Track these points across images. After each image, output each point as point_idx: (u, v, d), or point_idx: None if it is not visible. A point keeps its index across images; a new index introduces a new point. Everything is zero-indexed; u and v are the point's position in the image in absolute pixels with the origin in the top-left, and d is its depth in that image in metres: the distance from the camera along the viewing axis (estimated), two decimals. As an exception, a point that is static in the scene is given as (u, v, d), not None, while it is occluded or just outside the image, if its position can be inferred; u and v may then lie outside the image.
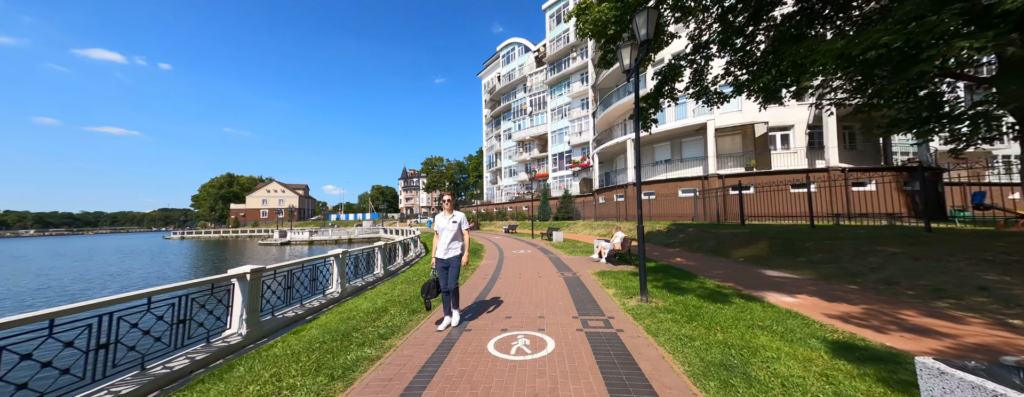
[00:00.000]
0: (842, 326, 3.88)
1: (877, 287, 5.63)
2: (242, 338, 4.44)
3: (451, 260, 4.28)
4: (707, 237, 12.29)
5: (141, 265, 24.18)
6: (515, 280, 7.36)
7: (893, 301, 4.89)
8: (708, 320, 4.06)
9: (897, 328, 3.79)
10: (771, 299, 5.15)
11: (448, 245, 4.30)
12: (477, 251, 13.40)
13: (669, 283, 6.35)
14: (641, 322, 4.17)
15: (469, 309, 5.14)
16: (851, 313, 4.38)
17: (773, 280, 6.58)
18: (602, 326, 4.12)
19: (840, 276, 6.50)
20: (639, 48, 5.32)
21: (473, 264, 10.01)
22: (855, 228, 10.44)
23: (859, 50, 4.15)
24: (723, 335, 3.61)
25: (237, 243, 49.20)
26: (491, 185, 51.90)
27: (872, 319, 4.12)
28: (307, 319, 5.87)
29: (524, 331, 4.03)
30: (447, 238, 4.29)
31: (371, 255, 9.35)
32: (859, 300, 4.98)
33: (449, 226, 4.30)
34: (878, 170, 16.01)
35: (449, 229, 4.30)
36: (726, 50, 7.80)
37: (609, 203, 25.19)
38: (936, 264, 5.94)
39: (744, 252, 9.76)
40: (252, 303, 4.68)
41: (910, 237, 7.79)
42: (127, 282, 17.47)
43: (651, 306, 4.78)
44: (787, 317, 4.15)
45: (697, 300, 5.03)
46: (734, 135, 20.16)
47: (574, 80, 35.58)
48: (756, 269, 7.86)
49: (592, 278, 7.30)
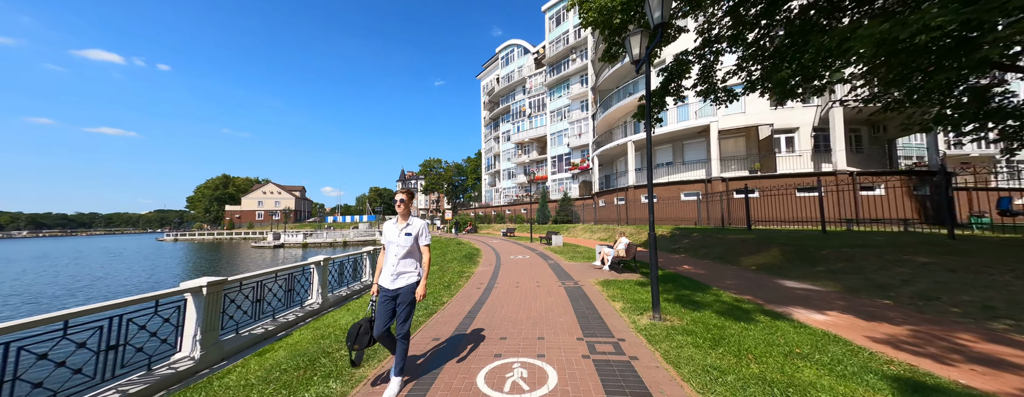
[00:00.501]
0: (894, 354, 3.31)
1: (914, 303, 5.07)
2: (194, 362, 3.83)
3: (402, 291, 2.87)
4: (713, 243, 11.73)
5: (118, 271, 22.59)
6: (512, 290, 6.76)
7: (940, 321, 4.32)
8: (736, 345, 3.48)
9: (961, 358, 3.22)
10: (799, 316, 4.58)
11: (397, 268, 2.91)
12: (472, 256, 12.80)
13: (681, 296, 5.77)
14: (657, 347, 3.59)
15: (460, 325, 4.55)
16: (898, 336, 3.81)
17: (795, 293, 6.01)
18: (612, 351, 3.53)
19: (868, 289, 5.93)
20: (651, 35, 4.78)
21: (468, 271, 9.41)
22: (870, 234, 9.90)
23: (908, 34, 3.61)
24: (758, 366, 3.03)
25: (230, 245, 48.39)
26: (489, 187, 51.32)
27: (926, 344, 3.55)
28: (279, 335, 5.26)
29: (521, 357, 3.44)
30: (396, 256, 2.93)
31: (358, 261, 8.74)
32: (900, 319, 4.41)
33: (400, 240, 2.94)
34: (889, 174, 15.52)
35: (399, 244, 2.93)
36: (738, 44, 7.29)
37: (609, 206, 24.63)
38: (976, 277, 5.39)
39: (755, 259, 9.20)
40: (209, 321, 4.08)
41: (936, 245, 7.25)
42: (92, 293, 15.45)
43: (666, 325, 4.19)
44: (827, 342, 3.57)
45: (717, 318, 4.45)
46: (737, 137, 19.69)
47: (574, 82, 35.14)
48: (772, 279, 7.30)
49: (596, 288, 6.71)
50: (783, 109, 18.35)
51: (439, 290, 6.93)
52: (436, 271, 9.88)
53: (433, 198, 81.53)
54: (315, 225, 67.66)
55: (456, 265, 10.61)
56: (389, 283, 2.92)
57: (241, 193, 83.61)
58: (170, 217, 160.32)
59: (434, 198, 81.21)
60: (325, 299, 6.72)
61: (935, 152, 17.17)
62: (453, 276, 8.57)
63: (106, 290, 15.87)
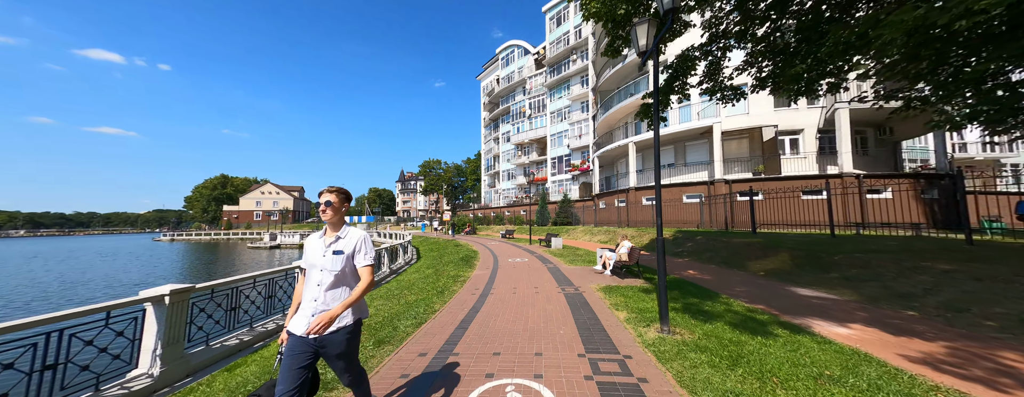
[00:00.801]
0: (937, 377, 2.93)
1: (942, 315, 4.69)
2: (153, 380, 3.44)
3: (331, 341, 1.95)
4: (718, 246, 11.36)
5: (101, 275, 21.07)
6: (509, 297, 6.38)
7: (976, 337, 3.94)
8: (757, 365, 3.10)
9: (1015, 383, 2.84)
10: (820, 330, 4.20)
11: (323, 303, 1.99)
12: (469, 259, 12.41)
13: (689, 305, 5.39)
14: (668, 366, 3.21)
15: (451, 337, 4.17)
16: (935, 355, 3.43)
17: (811, 302, 5.63)
18: (618, 372, 3.15)
19: (889, 298, 5.55)
20: (659, 23, 4.43)
21: (464, 275, 9.03)
22: (881, 239, 9.55)
23: (947, 19, 3.25)
24: (785, 393, 2.65)
25: (227, 246, 47.95)
26: (489, 189, 50.96)
27: (969, 365, 3.17)
28: (256, 346, 4.88)
29: (516, 378, 3.06)
30: (321, 286, 2.01)
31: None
32: (932, 334, 4.04)
33: (326, 261, 2.02)
34: (897, 176, 15.17)
35: (326, 267, 2.02)
36: (746, 40, 6.94)
37: (610, 208, 24.27)
38: (1007, 286, 5.02)
39: (763, 264, 8.83)
40: (173, 333, 3.69)
41: (954, 251, 6.89)
42: (72, 297, 14.29)
43: (676, 340, 3.81)
44: (858, 361, 3.19)
45: (730, 331, 4.08)
46: (741, 139, 19.35)
47: (574, 83, 34.84)
48: (783, 286, 6.92)
49: (597, 295, 6.33)
50: (787, 110, 18.03)
51: (431, 296, 6.55)
52: (430, 276, 9.49)
53: (432, 199, 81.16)
54: (313, 226, 67.24)
55: (452, 268, 10.23)
56: (306, 327, 1.92)
57: (239, 193, 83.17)
58: (168, 217, 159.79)
59: (433, 199, 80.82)
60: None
61: (943, 155, 16.83)
62: (448, 281, 8.19)
63: (87, 293, 15.40)
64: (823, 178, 15.52)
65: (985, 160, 22.03)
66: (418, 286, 7.99)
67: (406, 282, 9.21)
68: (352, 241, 2.11)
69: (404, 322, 4.84)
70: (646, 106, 7.48)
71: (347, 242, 2.10)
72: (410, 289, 7.74)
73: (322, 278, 2.02)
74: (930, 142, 21.20)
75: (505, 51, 47.57)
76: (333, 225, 2.14)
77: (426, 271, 10.73)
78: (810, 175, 16.42)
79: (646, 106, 7.48)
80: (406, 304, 6.13)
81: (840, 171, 15.84)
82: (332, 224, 2.13)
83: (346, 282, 2.07)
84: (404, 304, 6.17)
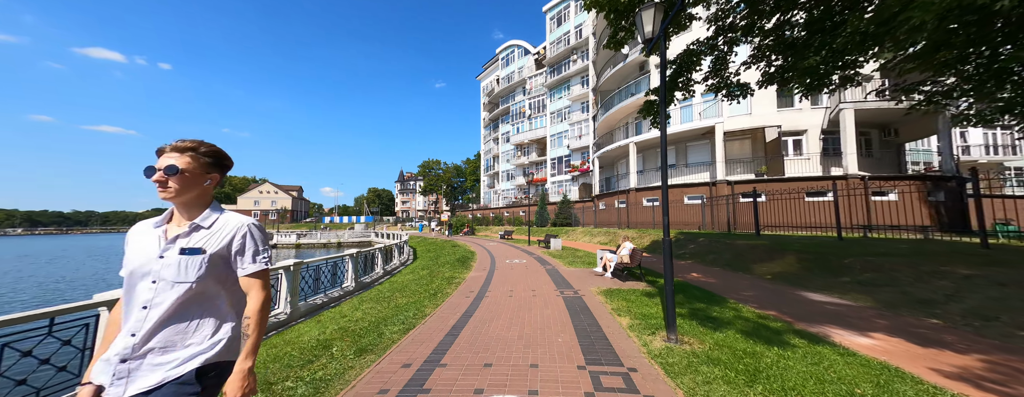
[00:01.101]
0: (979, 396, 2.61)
1: (969, 323, 4.37)
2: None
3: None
4: (721, 248, 11.04)
5: (86, 274, 20.37)
6: (504, 300, 6.05)
7: (1013, 349, 3.61)
8: (778, 381, 2.77)
9: (1071, 404, 2.53)
10: (839, 339, 3.87)
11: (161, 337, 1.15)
12: (466, 260, 12.08)
13: (695, 310, 5.06)
14: (679, 381, 2.88)
15: (439, 345, 3.84)
16: (971, 369, 3.11)
17: (824, 308, 5.31)
18: (622, 388, 2.82)
19: (907, 304, 5.23)
20: (666, 7, 4.12)
21: (459, 277, 8.70)
22: (891, 241, 9.24)
23: (987, -1, 2.95)
24: (814, 415, 2.33)
25: (223, 245, 47.46)
26: (488, 189, 50.63)
27: (1013, 382, 2.85)
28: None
29: (508, 395, 2.73)
30: (152, 309, 1.16)
31: (337, 265, 8.02)
32: (963, 345, 3.71)
33: (163, 266, 1.19)
34: (903, 178, 14.88)
35: (165, 277, 1.18)
36: (753, 33, 6.65)
37: (610, 209, 23.96)
38: (1035, 292, 4.70)
39: (769, 267, 8.51)
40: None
41: (970, 255, 6.59)
42: (48, 297, 13.72)
43: (685, 351, 3.49)
44: (889, 377, 2.87)
45: (744, 340, 3.75)
46: (743, 139, 19.06)
47: (574, 83, 34.58)
48: (793, 290, 6.60)
49: (598, 299, 6.00)
50: (790, 111, 17.76)
51: (423, 299, 6.22)
52: (425, 277, 9.15)
53: (432, 199, 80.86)
54: (311, 225, 66.82)
55: (447, 270, 9.89)
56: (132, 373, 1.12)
57: (237, 192, 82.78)
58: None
59: (433, 199, 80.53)
60: (294, 309, 6.00)
61: (949, 157, 16.53)
62: (442, 282, 7.86)
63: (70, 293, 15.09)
64: (828, 179, 15.24)
65: (988, 163, 21.78)
66: (411, 288, 7.66)
67: (400, 283, 8.87)
68: (225, 233, 1.29)
69: (391, 328, 4.51)
70: (649, 103, 7.19)
71: (213, 234, 1.27)
72: (403, 291, 7.40)
73: (156, 296, 1.16)
74: (933, 144, 20.95)
75: (505, 51, 47.32)
76: (185, 207, 1.28)
77: (421, 272, 10.39)
78: (814, 176, 16.14)
79: (649, 103, 7.19)
80: (396, 307, 5.80)
81: (844, 173, 15.54)
82: (183, 205, 1.28)
83: (206, 304, 1.22)
84: (394, 307, 5.84)
